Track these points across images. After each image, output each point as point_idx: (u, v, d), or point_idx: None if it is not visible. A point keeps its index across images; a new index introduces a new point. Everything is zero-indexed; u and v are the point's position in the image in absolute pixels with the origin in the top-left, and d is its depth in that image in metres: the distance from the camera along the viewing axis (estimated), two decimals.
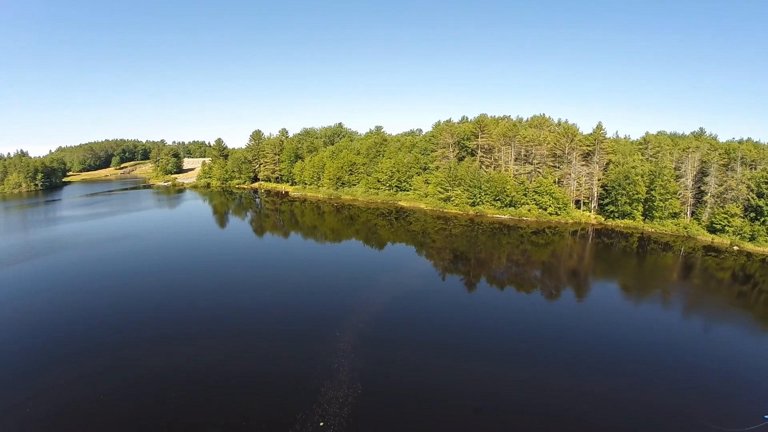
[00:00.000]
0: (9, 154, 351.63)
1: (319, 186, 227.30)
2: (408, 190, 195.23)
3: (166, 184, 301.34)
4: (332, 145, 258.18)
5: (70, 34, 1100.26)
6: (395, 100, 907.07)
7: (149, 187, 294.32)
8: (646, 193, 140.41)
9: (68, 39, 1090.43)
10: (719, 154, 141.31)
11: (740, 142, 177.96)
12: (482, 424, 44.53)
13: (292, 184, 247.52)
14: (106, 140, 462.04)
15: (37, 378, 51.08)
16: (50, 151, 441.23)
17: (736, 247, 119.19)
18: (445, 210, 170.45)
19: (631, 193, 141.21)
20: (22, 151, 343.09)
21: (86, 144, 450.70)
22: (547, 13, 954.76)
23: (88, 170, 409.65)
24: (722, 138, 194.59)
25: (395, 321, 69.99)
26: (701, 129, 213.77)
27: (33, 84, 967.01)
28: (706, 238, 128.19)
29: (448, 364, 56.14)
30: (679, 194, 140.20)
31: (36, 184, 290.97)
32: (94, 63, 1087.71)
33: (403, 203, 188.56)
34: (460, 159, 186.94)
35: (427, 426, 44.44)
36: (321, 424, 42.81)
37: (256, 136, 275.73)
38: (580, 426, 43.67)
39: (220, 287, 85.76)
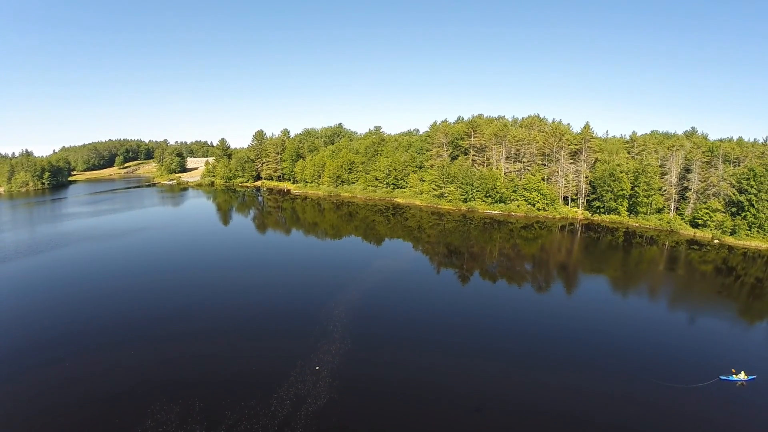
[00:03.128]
0: (14, 153, 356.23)
1: (319, 184, 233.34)
2: (404, 188, 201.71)
3: (170, 182, 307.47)
4: (332, 144, 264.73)
5: (73, 35, 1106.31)
6: (394, 100, 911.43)
7: (154, 185, 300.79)
8: (631, 189, 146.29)
9: (71, 39, 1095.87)
10: (702, 151, 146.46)
11: (729, 140, 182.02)
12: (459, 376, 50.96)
13: (293, 183, 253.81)
14: (109, 140, 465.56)
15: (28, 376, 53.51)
16: (54, 150, 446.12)
17: (716, 241, 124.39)
18: (439, 206, 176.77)
19: (616, 189, 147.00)
20: (26, 150, 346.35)
21: (90, 144, 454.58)
22: (547, 13, 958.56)
23: (92, 169, 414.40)
24: (713, 137, 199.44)
25: (385, 298, 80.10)
26: (693, 128, 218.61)
27: (37, 84, 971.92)
28: (689, 232, 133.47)
29: (431, 338, 63.31)
30: (664, 190, 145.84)
31: (43, 183, 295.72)
32: (97, 63, 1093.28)
33: (399, 200, 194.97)
34: (454, 158, 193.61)
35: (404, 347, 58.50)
36: (317, 368, 52.63)
37: (259, 136, 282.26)
38: (580, 425, 44.33)
39: (232, 271, 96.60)
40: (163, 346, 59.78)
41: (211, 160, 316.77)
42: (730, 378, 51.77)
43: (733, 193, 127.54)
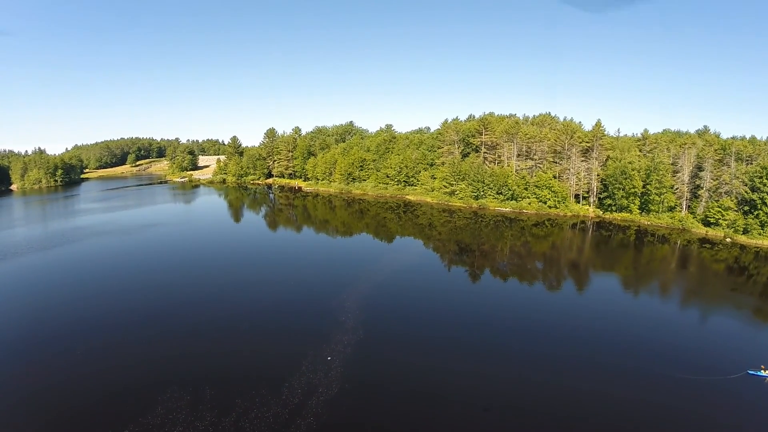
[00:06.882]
0: (27, 151, 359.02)
1: (330, 181, 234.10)
2: (415, 185, 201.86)
3: (182, 180, 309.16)
4: (343, 142, 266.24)
5: (85, 35, 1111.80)
6: (405, 98, 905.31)
7: (165, 183, 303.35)
8: (642, 187, 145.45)
9: (84, 39, 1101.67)
10: (715, 149, 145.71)
11: (742, 138, 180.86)
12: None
13: (305, 180, 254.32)
14: (121, 138, 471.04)
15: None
16: (67, 149, 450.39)
17: (728, 240, 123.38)
18: (450, 203, 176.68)
19: (627, 187, 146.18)
20: (39, 148, 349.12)
21: (102, 142, 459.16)
22: (557, 11, 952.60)
23: (104, 167, 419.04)
24: (725, 135, 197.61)
25: (396, 294, 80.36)
26: (705, 126, 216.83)
27: (50, 83, 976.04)
28: (701, 230, 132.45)
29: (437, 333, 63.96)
30: (676, 188, 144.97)
31: (55, 180, 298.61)
32: (109, 63, 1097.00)
33: (410, 197, 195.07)
34: (465, 155, 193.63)
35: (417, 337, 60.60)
36: (329, 358, 53.19)
37: (270, 134, 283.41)
38: (595, 424, 43.65)
39: (244, 266, 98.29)
40: (174, 339, 60.86)
41: (222, 158, 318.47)
42: (759, 374, 51.34)
43: (746, 192, 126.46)
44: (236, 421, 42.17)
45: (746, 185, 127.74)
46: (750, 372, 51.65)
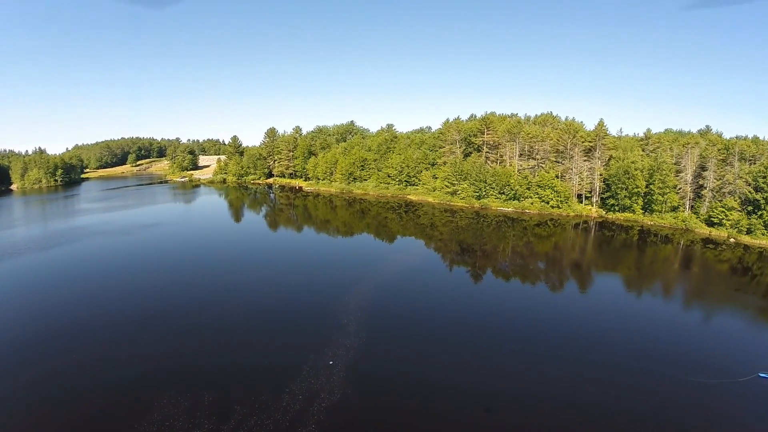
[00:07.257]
0: (27, 151, 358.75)
1: (331, 181, 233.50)
2: (417, 185, 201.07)
3: (183, 180, 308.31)
4: (344, 141, 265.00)
5: (85, 34, 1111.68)
6: (406, 98, 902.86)
7: (166, 182, 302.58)
8: (646, 187, 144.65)
9: (84, 39, 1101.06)
10: (718, 149, 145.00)
11: (745, 138, 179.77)
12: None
13: (305, 180, 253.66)
14: (122, 138, 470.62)
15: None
16: (67, 149, 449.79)
17: (732, 240, 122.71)
18: (452, 203, 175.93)
19: (630, 187, 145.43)
20: (40, 148, 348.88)
21: (103, 142, 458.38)
22: (559, 11, 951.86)
23: (104, 167, 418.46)
24: (727, 135, 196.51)
25: (398, 295, 79.11)
26: (707, 126, 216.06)
27: (50, 83, 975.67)
28: (704, 230, 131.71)
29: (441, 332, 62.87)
30: (679, 188, 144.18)
31: (56, 180, 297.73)
32: (110, 63, 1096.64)
33: (412, 197, 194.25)
34: (467, 155, 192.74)
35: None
36: (330, 362, 52.09)
37: (271, 133, 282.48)
38: (598, 426, 43.13)
39: (244, 266, 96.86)
40: (172, 342, 59.82)
41: (223, 157, 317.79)
42: None
43: (749, 192, 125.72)
44: (235, 428, 41.21)
45: (750, 185, 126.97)
46: (762, 375, 50.66)
